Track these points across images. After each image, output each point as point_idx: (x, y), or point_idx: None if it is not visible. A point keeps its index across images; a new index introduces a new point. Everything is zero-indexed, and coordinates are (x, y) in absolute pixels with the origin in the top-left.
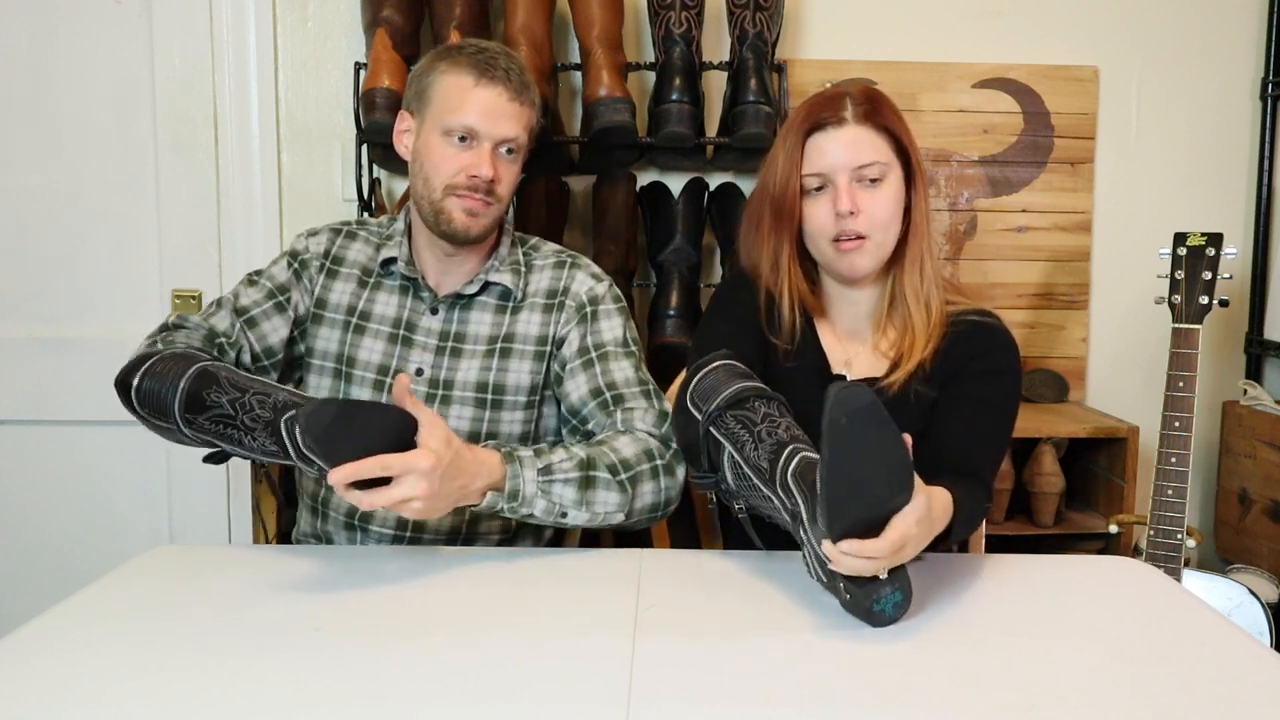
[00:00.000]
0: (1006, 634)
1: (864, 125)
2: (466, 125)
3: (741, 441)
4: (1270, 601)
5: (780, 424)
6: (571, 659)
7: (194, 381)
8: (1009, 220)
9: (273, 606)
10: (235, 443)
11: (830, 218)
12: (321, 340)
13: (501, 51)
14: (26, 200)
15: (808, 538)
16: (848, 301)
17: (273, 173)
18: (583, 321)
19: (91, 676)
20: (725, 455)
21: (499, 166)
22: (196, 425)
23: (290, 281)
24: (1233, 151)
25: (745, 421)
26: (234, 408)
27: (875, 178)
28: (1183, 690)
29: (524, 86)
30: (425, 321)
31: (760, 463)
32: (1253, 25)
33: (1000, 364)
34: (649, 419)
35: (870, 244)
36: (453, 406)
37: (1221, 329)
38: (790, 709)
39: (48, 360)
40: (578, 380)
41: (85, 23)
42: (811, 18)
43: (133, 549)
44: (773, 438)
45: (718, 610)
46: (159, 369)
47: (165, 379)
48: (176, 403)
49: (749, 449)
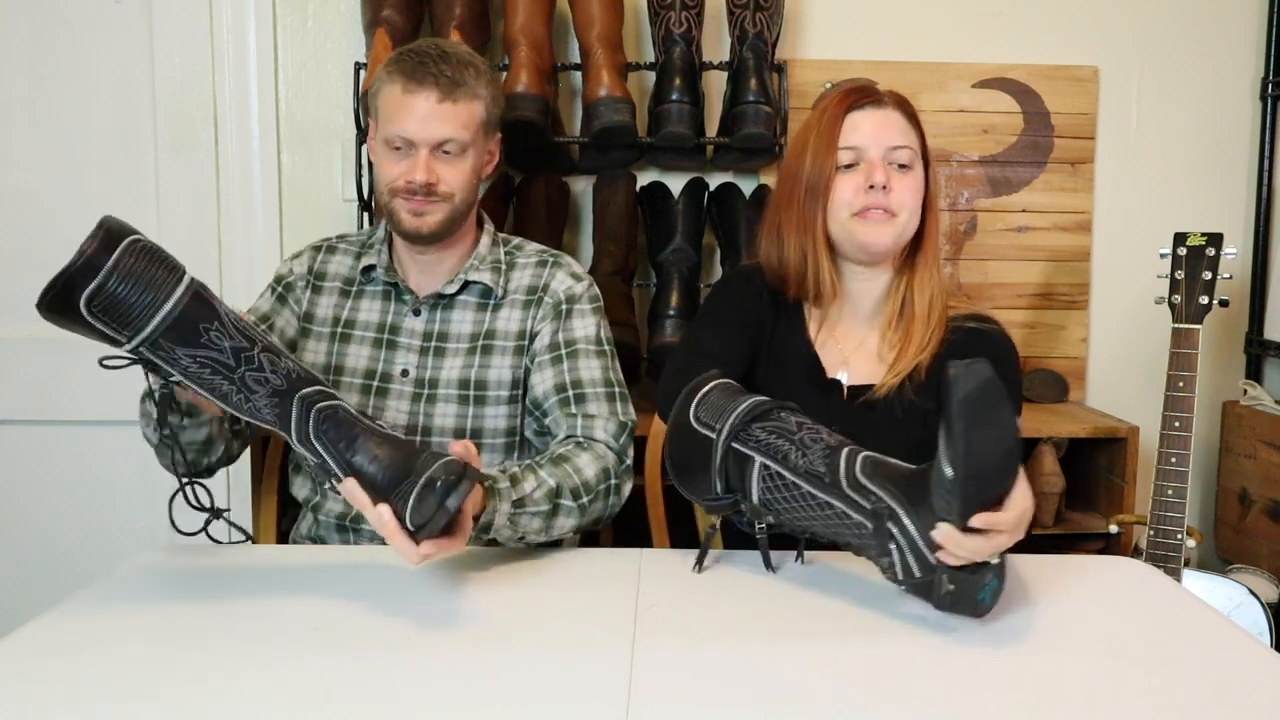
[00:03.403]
0: (1006, 634)
1: (897, 111)
2: (399, 135)
3: (782, 452)
4: (1270, 601)
5: (820, 430)
6: (571, 659)
7: (189, 307)
8: (1009, 220)
9: (271, 607)
10: (216, 392)
11: (858, 192)
12: (309, 354)
13: (435, 53)
14: (26, 200)
15: (902, 533)
16: (857, 294)
17: (273, 173)
18: (557, 318)
19: (91, 677)
20: (754, 469)
21: (437, 168)
22: (166, 353)
23: (274, 308)
24: (1233, 151)
25: (780, 432)
26: (237, 359)
27: (904, 163)
28: (1183, 690)
29: (456, 84)
30: (408, 323)
31: (815, 468)
32: (1253, 25)
33: (1003, 371)
34: (610, 429)
35: (896, 222)
36: (437, 404)
37: (1221, 329)
38: (790, 709)
39: (48, 360)
40: (544, 374)
41: (85, 23)
42: (811, 18)
43: (133, 549)
44: (819, 443)
45: (718, 610)
46: (136, 270)
47: (147, 286)
48: (157, 320)
49: (794, 457)
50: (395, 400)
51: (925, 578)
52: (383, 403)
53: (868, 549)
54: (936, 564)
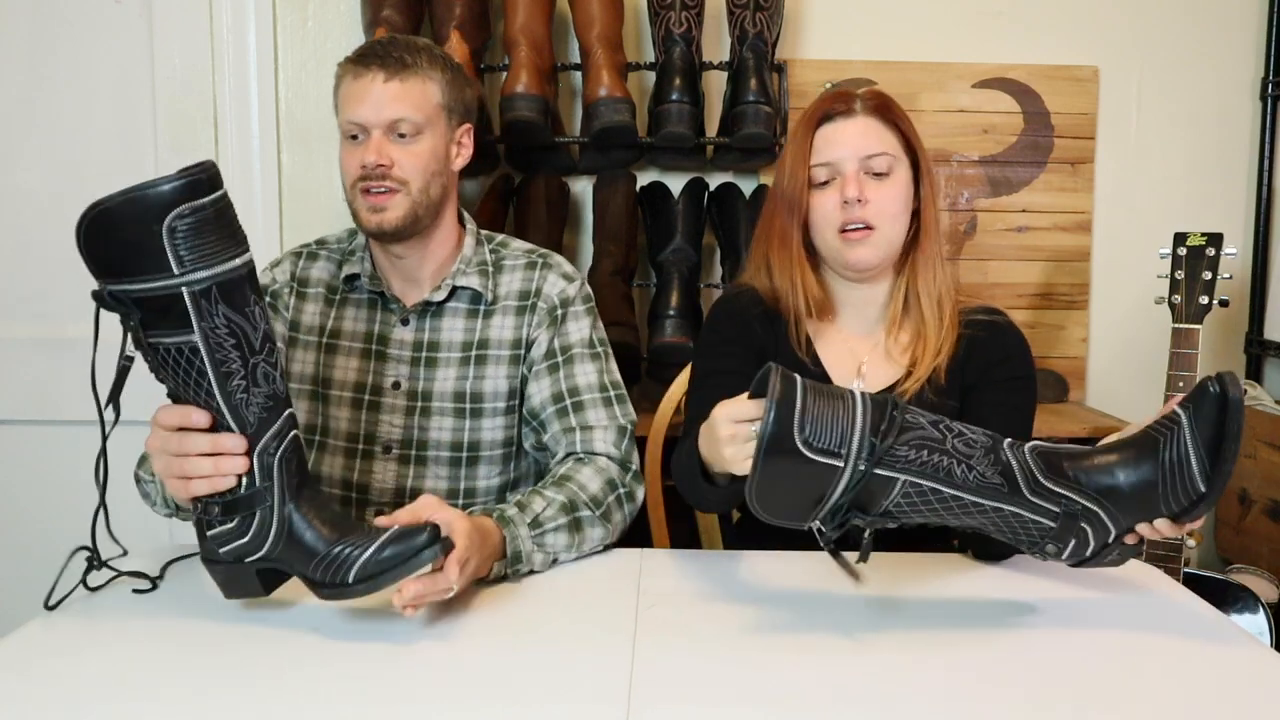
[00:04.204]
0: (1006, 634)
1: (872, 117)
2: (352, 121)
3: (943, 468)
4: (1270, 601)
5: (954, 425)
6: (571, 659)
7: (250, 274)
8: (1009, 220)
9: (270, 607)
10: (222, 366)
11: (837, 208)
12: (296, 364)
13: (385, 41)
14: (26, 200)
15: (1096, 530)
16: (860, 302)
17: (273, 173)
18: (553, 324)
19: (91, 677)
20: (894, 489)
21: (390, 150)
22: (208, 305)
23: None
24: (1233, 151)
25: (923, 443)
26: (261, 345)
27: (882, 170)
28: (1183, 690)
29: (404, 65)
30: (397, 333)
31: (990, 480)
32: (1253, 25)
33: (1025, 369)
34: (609, 437)
35: (877, 235)
36: (432, 418)
37: (1221, 329)
38: (790, 709)
39: (48, 360)
40: (541, 384)
41: (85, 23)
42: (811, 18)
43: (132, 549)
44: (971, 447)
45: (718, 610)
46: (227, 217)
47: (231, 235)
48: (227, 267)
49: (959, 472)
50: (388, 414)
51: (1093, 555)
52: (375, 417)
53: (1025, 540)
54: (1119, 546)
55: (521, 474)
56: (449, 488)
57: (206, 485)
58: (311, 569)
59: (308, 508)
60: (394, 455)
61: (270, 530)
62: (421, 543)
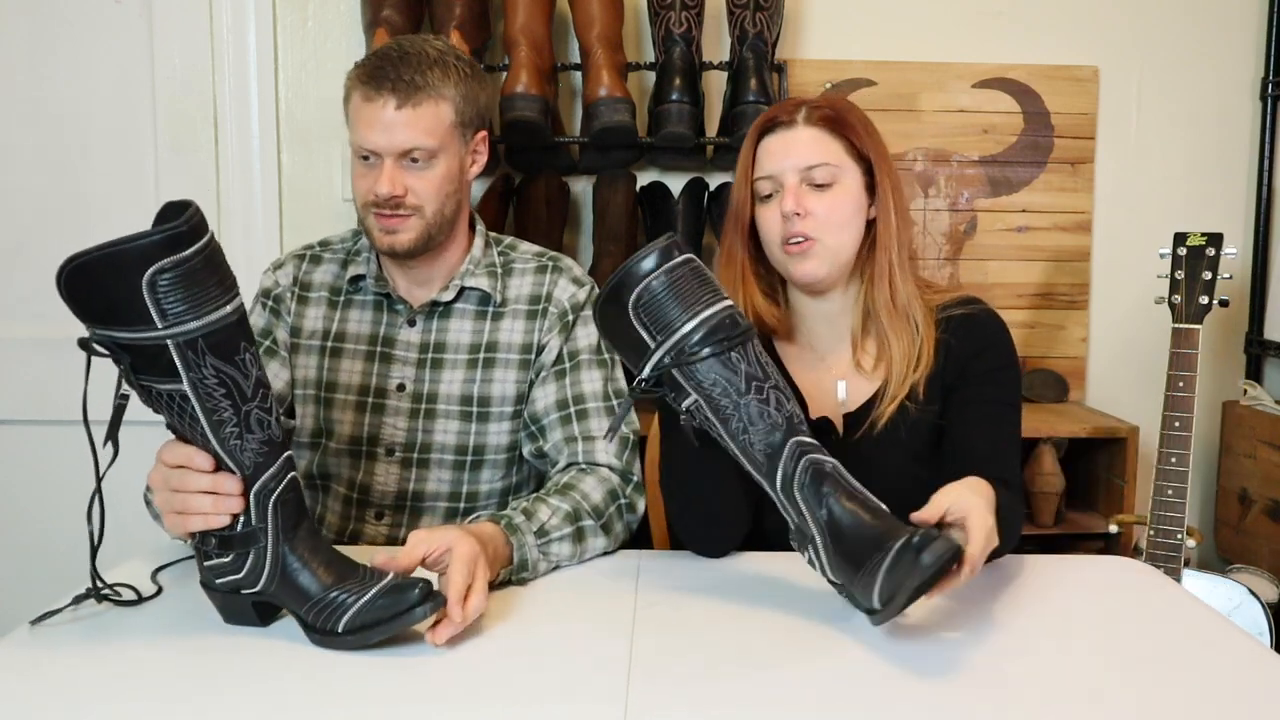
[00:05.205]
0: (1006, 634)
1: (815, 127)
2: (364, 147)
3: (724, 412)
4: (1270, 601)
5: (770, 399)
6: (570, 659)
7: (240, 322)
8: (1009, 220)
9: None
10: (214, 414)
11: (780, 221)
12: (300, 369)
13: (396, 54)
14: (26, 200)
15: (816, 562)
16: (822, 316)
17: (273, 173)
18: (564, 330)
19: (91, 676)
20: (688, 400)
21: (404, 178)
22: (195, 357)
23: (271, 323)
24: (1233, 151)
25: (724, 383)
26: (253, 392)
27: (824, 181)
28: (1183, 690)
29: (415, 87)
30: (403, 334)
31: (754, 454)
32: (1253, 25)
33: (1003, 359)
34: (611, 449)
35: (819, 247)
36: (437, 420)
37: (1221, 329)
38: (790, 709)
39: (48, 360)
40: (547, 389)
41: (85, 23)
42: (811, 18)
43: (132, 550)
44: (758, 420)
45: (717, 610)
46: (215, 261)
47: (219, 283)
48: (213, 319)
49: (735, 427)
50: (391, 417)
51: (836, 586)
52: (379, 419)
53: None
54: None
55: (523, 478)
56: (451, 491)
57: (202, 522)
58: (305, 610)
59: (304, 549)
60: (397, 458)
61: (264, 569)
62: (413, 599)
